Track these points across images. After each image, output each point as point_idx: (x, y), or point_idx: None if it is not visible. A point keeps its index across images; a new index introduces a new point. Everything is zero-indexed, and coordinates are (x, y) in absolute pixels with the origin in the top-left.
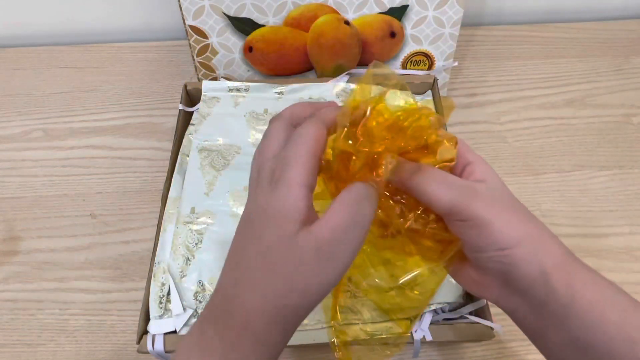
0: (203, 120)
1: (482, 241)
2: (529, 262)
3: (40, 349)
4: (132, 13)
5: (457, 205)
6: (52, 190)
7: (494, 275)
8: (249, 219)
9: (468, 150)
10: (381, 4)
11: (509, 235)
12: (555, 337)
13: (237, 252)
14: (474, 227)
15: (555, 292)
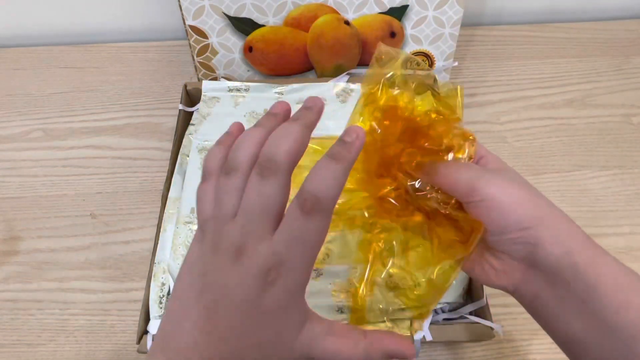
0: (203, 120)
1: (504, 220)
2: (554, 241)
3: (40, 349)
4: (132, 13)
5: (476, 183)
6: (52, 190)
7: (517, 259)
8: (228, 295)
9: (480, 146)
10: (381, 4)
11: (532, 214)
12: (577, 321)
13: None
14: (494, 207)
15: (580, 272)
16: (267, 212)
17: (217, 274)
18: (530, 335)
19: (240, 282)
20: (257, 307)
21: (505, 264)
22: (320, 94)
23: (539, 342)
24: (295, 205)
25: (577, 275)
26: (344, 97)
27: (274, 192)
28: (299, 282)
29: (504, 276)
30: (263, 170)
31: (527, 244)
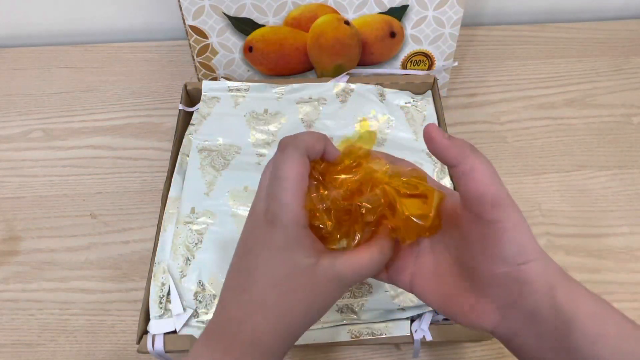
0: (203, 120)
1: (509, 250)
2: (540, 279)
3: (40, 349)
4: (132, 13)
5: (502, 200)
6: (52, 190)
7: (499, 296)
8: (249, 249)
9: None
10: (381, 4)
11: (532, 248)
12: (557, 357)
13: (242, 276)
14: (507, 231)
15: (560, 307)
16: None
17: (246, 232)
18: None
19: (253, 231)
20: (270, 247)
21: (485, 304)
22: (320, 94)
23: None
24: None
25: (557, 312)
26: (344, 97)
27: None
28: (289, 214)
29: (482, 315)
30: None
31: (516, 280)
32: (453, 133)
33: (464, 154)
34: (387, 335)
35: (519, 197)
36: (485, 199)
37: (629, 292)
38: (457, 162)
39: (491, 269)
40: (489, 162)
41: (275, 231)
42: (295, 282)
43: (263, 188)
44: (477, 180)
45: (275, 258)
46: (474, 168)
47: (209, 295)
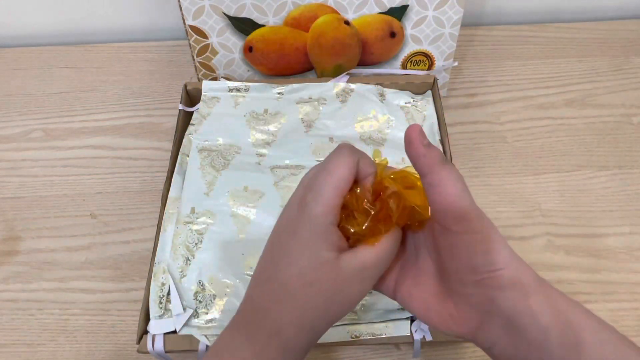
0: (203, 120)
1: (480, 259)
2: (513, 286)
3: (40, 349)
4: (132, 13)
5: (471, 211)
6: (52, 190)
7: (476, 304)
8: (278, 239)
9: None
10: (381, 4)
11: (503, 256)
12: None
13: (268, 267)
14: (478, 242)
15: (536, 315)
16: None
17: (280, 219)
18: None
19: (284, 219)
20: (298, 236)
21: (463, 312)
22: (320, 94)
23: None
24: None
25: (533, 319)
26: (344, 97)
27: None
28: (323, 207)
29: (460, 323)
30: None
31: (488, 288)
32: (453, 133)
33: (434, 165)
34: (387, 335)
35: (519, 197)
36: (450, 212)
37: (629, 292)
38: (426, 172)
39: (463, 278)
40: (458, 174)
41: (304, 220)
42: (318, 274)
43: (305, 179)
44: (443, 193)
45: (302, 247)
46: (441, 181)
47: (209, 295)
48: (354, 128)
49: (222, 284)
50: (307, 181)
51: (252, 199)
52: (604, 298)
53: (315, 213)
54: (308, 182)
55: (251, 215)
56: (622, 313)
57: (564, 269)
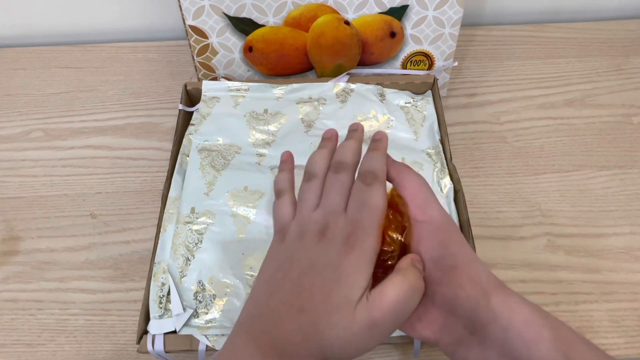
0: (203, 120)
1: (439, 249)
2: (473, 284)
3: (40, 349)
4: (132, 13)
5: (430, 202)
6: (52, 190)
7: (440, 303)
8: (314, 268)
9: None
10: (381, 4)
11: (460, 250)
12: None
13: (303, 296)
14: (436, 231)
15: (495, 313)
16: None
17: (303, 253)
18: None
19: (324, 252)
20: (337, 269)
21: (426, 312)
22: (320, 94)
23: None
24: (359, 181)
25: (493, 317)
26: (344, 97)
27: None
28: (372, 244)
29: (426, 325)
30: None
31: (451, 285)
32: (453, 133)
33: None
34: None
35: (519, 197)
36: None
37: (629, 292)
38: (394, 177)
39: (428, 275)
40: (417, 174)
41: (352, 255)
42: (339, 317)
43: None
44: (407, 187)
45: (338, 285)
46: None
47: (209, 295)
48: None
49: (222, 284)
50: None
51: (252, 199)
52: (604, 298)
53: (366, 250)
54: (351, 217)
55: (251, 215)
56: (622, 313)
57: (564, 269)
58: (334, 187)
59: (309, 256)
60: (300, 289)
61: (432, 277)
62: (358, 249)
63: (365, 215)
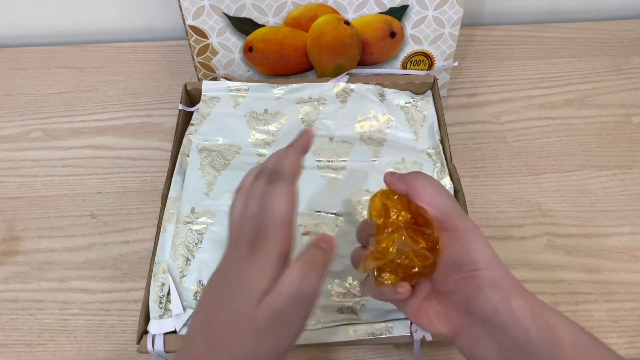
0: (203, 120)
1: (461, 257)
2: (495, 287)
3: (40, 349)
4: (132, 13)
5: (454, 212)
6: (52, 190)
7: (458, 303)
8: (224, 276)
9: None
10: (381, 4)
11: (483, 256)
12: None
13: (212, 304)
14: (458, 239)
15: (517, 317)
16: (254, 200)
17: (221, 264)
18: None
19: (233, 260)
20: (240, 276)
21: (446, 309)
22: (320, 94)
23: None
24: (262, 181)
25: (514, 320)
26: (344, 97)
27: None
28: (272, 245)
29: (445, 321)
30: (269, 177)
31: (470, 286)
32: (453, 133)
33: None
34: (387, 335)
35: (519, 197)
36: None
37: (629, 292)
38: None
39: (447, 276)
40: (433, 179)
41: (253, 259)
42: (242, 320)
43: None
44: (422, 197)
45: (240, 290)
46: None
47: None
48: (354, 128)
49: None
50: (251, 220)
51: None
52: (604, 298)
53: (266, 252)
54: (255, 221)
55: None
56: (622, 313)
57: (564, 269)
58: (250, 194)
59: (223, 266)
60: (211, 301)
61: (452, 278)
62: (257, 251)
63: (265, 217)
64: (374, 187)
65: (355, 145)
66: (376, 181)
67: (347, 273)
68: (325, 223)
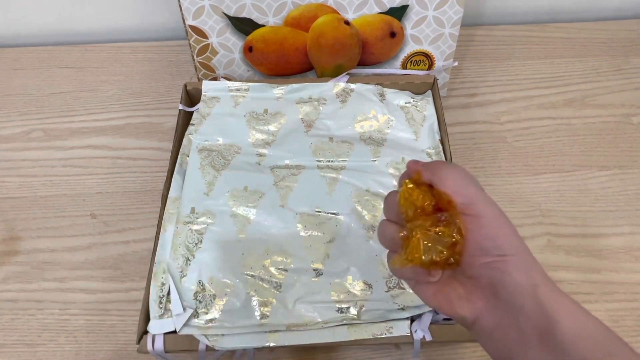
0: (203, 120)
1: (488, 241)
2: (522, 272)
3: (40, 349)
4: (132, 13)
5: (476, 198)
6: (52, 190)
7: (483, 286)
8: None
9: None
10: (381, 4)
11: (510, 242)
12: (535, 351)
13: None
14: (485, 225)
15: (542, 304)
16: None
17: None
18: None
19: None
20: None
21: (469, 292)
22: (320, 94)
23: None
24: None
25: (539, 306)
26: (344, 97)
27: None
28: None
29: (466, 304)
30: None
31: (498, 271)
32: (453, 133)
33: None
34: (387, 335)
35: (519, 197)
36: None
37: (629, 292)
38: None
39: (474, 260)
40: (459, 167)
41: None
42: None
43: None
44: (448, 183)
45: None
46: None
47: (209, 295)
48: (354, 128)
49: (222, 284)
50: None
51: (252, 199)
52: (604, 298)
53: None
54: None
55: (251, 215)
56: (622, 313)
57: (564, 269)
58: None
59: None
60: None
61: (479, 263)
62: None
63: None
64: (374, 187)
65: (355, 145)
66: (376, 181)
67: (347, 273)
68: (325, 223)
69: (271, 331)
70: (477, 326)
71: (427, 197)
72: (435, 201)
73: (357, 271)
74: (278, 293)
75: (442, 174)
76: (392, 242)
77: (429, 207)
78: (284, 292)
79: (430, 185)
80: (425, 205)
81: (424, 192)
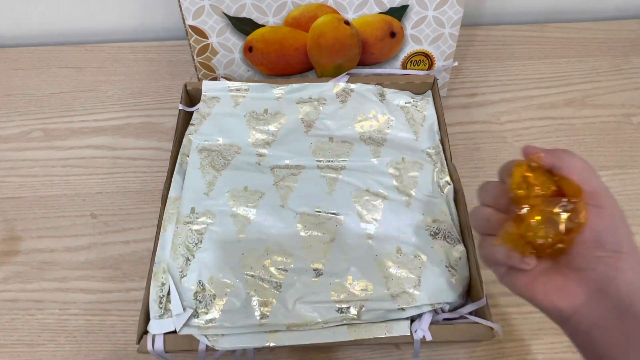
0: (203, 120)
1: (607, 234)
2: (635, 272)
3: (40, 349)
4: (132, 13)
5: (601, 190)
6: (52, 190)
7: (589, 280)
8: None
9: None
10: (381, 4)
11: (628, 240)
12: (638, 356)
13: None
14: (607, 217)
15: None
16: None
17: None
18: (530, 335)
19: None
20: None
21: (571, 284)
22: (320, 94)
23: (539, 342)
24: None
25: None
26: (344, 97)
27: None
28: None
29: (566, 297)
30: None
31: (610, 267)
32: (453, 133)
33: (558, 153)
34: (387, 335)
35: None
36: (581, 184)
37: None
38: (554, 161)
39: (588, 251)
40: (580, 157)
41: None
42: None
43: None
44: (571, 170)
45: None
46: (567, 161)
47: (209, 295)
48: (354, 128)
49: (222, 284)
50: None
51: (252, 199)
52: None
53: None
54: None
55: (251, 215)
56: None
57: None
58: None
59: None
60: None
61: (590, 256)
62: None
63: None
64: (374, 187)
65: (355, 145)
66: (376, 181)
67: (347, 273)
68: (325, 223)
69: (271, 331)
70: (573, 321)
71: (550, 181)
72: (556, 186)
73: (357, 271)
74: (278, 293)
75: (568, 161)
76: (487, 223)
77: (549, 191)
78: (284, 292)
79: (548, 170)
80: (546, 189)
81: (545, 175)
